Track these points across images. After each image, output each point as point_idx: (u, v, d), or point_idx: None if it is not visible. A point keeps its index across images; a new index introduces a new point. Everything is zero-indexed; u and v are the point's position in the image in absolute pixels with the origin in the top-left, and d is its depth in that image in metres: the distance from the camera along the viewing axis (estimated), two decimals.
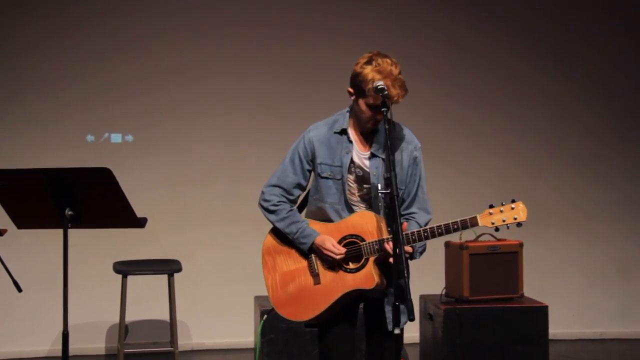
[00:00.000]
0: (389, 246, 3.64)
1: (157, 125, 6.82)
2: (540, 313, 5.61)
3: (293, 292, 3.83)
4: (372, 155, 3.79)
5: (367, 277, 3.71)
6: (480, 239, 5.82)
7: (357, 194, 3.82)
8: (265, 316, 5.45)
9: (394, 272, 3.46)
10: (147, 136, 6.82)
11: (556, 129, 7.21)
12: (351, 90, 3.76)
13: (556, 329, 6.49)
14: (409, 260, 3.60)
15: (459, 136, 7.10)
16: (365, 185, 3.81)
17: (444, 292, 5.78)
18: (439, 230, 3.68)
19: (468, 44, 7.13)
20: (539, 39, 7.21)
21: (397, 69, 3.65)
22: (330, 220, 3.82)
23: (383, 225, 3.71)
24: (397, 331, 3.44)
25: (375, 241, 3.70)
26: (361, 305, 3.91)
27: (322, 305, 3.76)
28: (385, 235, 3.68)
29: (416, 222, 3.82)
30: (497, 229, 3.77)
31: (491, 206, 3.78)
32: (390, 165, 3.52)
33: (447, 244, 5.83)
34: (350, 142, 3.81)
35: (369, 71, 3.65)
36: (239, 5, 6.91)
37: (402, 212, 3.78)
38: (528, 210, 3.57)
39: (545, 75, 7.21)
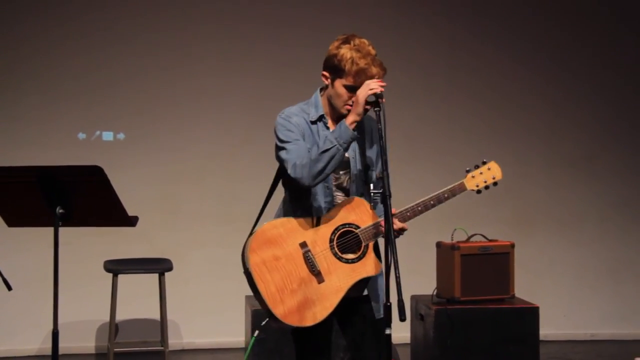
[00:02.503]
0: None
1: (149, 124, 6.81)
2: (531, 314, 5.62)
3: (297, 297, 3.60)
4: None
5: (374, 263, 3.62)
6: (471, 239, 5.83)
7: (334, 183, 3.73)
8: (257, 332, 5.37)
9: (385, 271, 3.43)
10: (139, 134, 6.80)
11: (548, 130, 7.23)
12: (326, 73, 3.69)
13: (547, 330, 6.50)
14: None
15: (451, 136, 7.11)
16: (341, 172, 3.71)
17: (435, 293, 5.78)
18: (432, 202, 3.66)
19: (462, 44, 7.14)
20: (533, 40, 7.22)
21: (374, 49, 3.62)
22: (311, 215, 3.69)
23: (370, 208, 3.63)
24: (388, 331, 3.41)
25: (372, 225, 3.62)
26: None
27: (332, 304, 3.60)
28: (377, 218, 3.62)
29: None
30: (479, 192, 3.78)
31: (468, 171, 3.76)
32: (383, 165, 3.47)
33: (439, 245, 5.84)
34: (327, 128, 3.73)
35: (346, 50, 3.61)
36: (231, 2, 6.90)
37: (373, 190, 3.65)
38: (519, 208, 3.54)
39: (537, 76, 7.22)
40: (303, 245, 3.64)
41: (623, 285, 7.26)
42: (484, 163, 3.78)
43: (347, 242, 3.65)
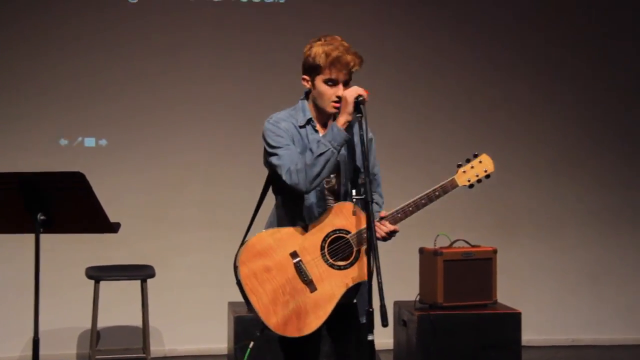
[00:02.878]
0: (378, 226, 3.57)
1: (131, 130, 6.79)
2: (513, 319, 5.64)
3: (290, 307, 3.58)
4: None
5: (366, 268, 3.53)
6: (454, 245, 5.84)
7: (326, 186, 3.70)
8: (252, 343, 5.33)
9: (368, 277, 3.43)
10: (121, 141, 6.78)
11: (530, 136, 7.25)
12: (306, 76, 3.70)
13: (529, 336, 6.52)
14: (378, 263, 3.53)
15: (433, 143, 7.12)
16: (331, 175, 3.68)
17: (418, 299, 5.78)
18: (423, 201, 3.64)
19: (445, 51, 7.15)
20: (514, 45, 7.24)
21: (347, 44, 3.64)
22: (304, 219, 3.66)
23: (360, 211, 3.59)
24: (370, 337, 3.40)
25: (363, 229, 3.57)
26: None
27: (327, 311, 3.58)
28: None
29: (378, 205, 3.75)
30: (471, 186, 3.75)
31: (459, 165, 3.74)
32: (366, 170, 3.48)
33: (422, 250, 5.85)
34: (316, 132, 3.71)
35: (318, 46, 3.63)
36: (214, 10, 6.89)
37: (355, 196, 3.65)
38: (502, 214, 3.55)
39: (518, 81, 7.25)
40: (294, 254, 3.62)
41: (604, 291, 7.28)
42: (476, 156, 3.76)
43: (339, 249, 3.63)
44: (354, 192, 3.62)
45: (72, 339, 6.63)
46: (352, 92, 3.56)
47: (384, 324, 3.33)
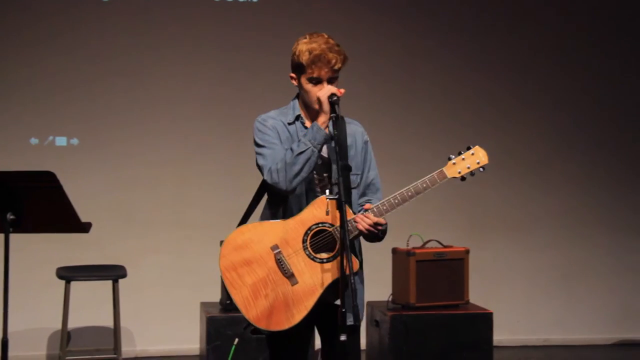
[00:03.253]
0: (361, 218, 3.55)
1: (102, 129, 6.74)
2: (485, 319, 5.66)
3: (271, 301, 3.56)
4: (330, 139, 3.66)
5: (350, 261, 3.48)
6: (427, 245, 5.85)
7: (319, 185, 3.68)
8: (237, 340, 5.32)
9: (341, 278, 3.40)
10: (93, 140, 6.74)
11: (503, 136, 7.27)
12: (293, 74, 3.71)
13: (501, 336, 6.55)
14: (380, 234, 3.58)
15: (407, 142, 7.13)
16: (324, 174, 3.69)
17: (390, 299, 5.79)
18: (409, 194, 3.60)
19: (421, 51, 7.17)
20: (488, 47, 7.27)
21: (333, 40, 3.64)
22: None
23: (345, 206, 3.52)
24: (343, 337, 3.38)
25: (347, 221, 3.48)
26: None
27: (308, 304, 3.54)
28: (352, 215, 3.56)
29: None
30: (463, 178, 3.70)
31: (450, 158, 3.69)
32: (338, 170, 3.47)
33: (394, 251, 5.85)
34: (306, 128, 3.70)
35: (303, 44, 3.65)
36: (186, 9, 6.87)
37: (359, 200, 3.69)
38: (474, 214, 3.54)
39: (491, 82, 7.28)
40: (274, 247, 3.60)
41: (576, 291, 7.33)
42: (468, 148, 3.73)
43: (321, 241, 3.60)
44: (327, 192, 3.61)
45: (42, 339, 6.58)
46: (325, 92, 3.58)
47: (356, 323, 3.33)
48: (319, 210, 3.60)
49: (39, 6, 6.68)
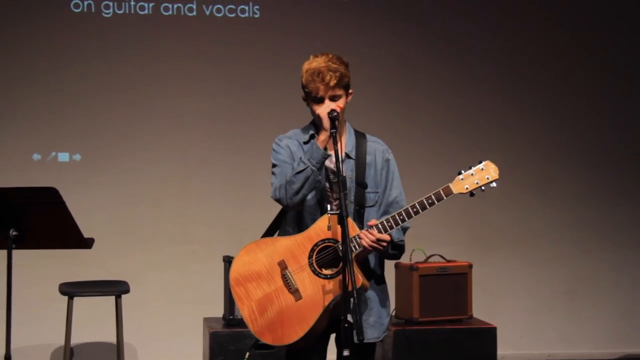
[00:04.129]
0: (365, 234, 3.56)
1: (105, 145, 6.75)
2: (488, 334, 5.65)
3: (275, 315, 3.64)
4: (347, 157, 3.74)
5: (353, 277, 3.52)
6: (430, 260, 5.85)
7: (335, 203, 3.71)
8: (247, 354, 5.30)
9: (343, 293, 3.41)
10: (95, 155, 6.75)
11: (505, 150, 7.27)
12: (303, 95, 3.74)
13: (504, 350, 6.52)
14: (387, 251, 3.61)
15: (408, 157, 7.12)
16: (342, 192, 3.65)
17: (393, 314, 5.78)
18: (414, 209, 3.60)
19: (420, 66, 7.17)
20: (488, 61, 7.27)
21: (335, 57, 3.66)
22: None
23: (352, 222, 3.61)
24: (346, 353, 3.38)
25: (351, 238, 3.55)
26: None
27: (310, 320, 3.60)
28: (358, 232, 3.59)
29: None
30: (472, 194, 3.67)
31: (460, 172, 3.67)
32: (340, 185, 3.49)
33: (397, 265, 5.85)
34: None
35: (305, 64, 3.68)
36: (189, 23, 6.89)
37: (380, 218, 3.67)
38: (477, 228, 3.53)
39: (492, 97, 7.28)
40: (281, 263, 3.67)
41: (580, 305, 7.31)
42: (480, 163, 3.72)
43: (326, 257, 3.65)
44: (328, 207, 3.65)
45: (45, 355, 6.57)
46: (324, 109, 3.62)
47: (360, 338, 3.33)
48: (327, 227, 3.64)
49: (41, 23, 6.69)
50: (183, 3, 6.87)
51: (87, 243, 4.08)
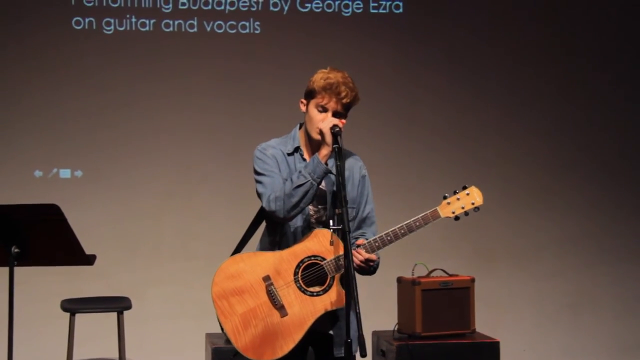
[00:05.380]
0: (354, 254, 3.56)
1: (106, 161, 6.76)
2: (492, 349, 5.62)
3: (260, 331, 3.61)
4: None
5: (339, 296, 3.58)
6: (432, 274, 5.84)
7: (314, 217, 3.73)
8: None
9: (346, 307, 3.42)
10: (97, 172, 6.75)
11: (507, 163, 7.28)
12: (303, 100, 3.74)
13: None
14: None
15: (410, 171, 7.13)
16: (320, 206, 3.73)
17: (396, 328, 5.76)
18: (402, 231, 3.62)
19: (421, 81, 7.18)
20: (489, 73, 7.28)
21: (351, 78, 3.70)
22: None
23: (338, 239, 3.60)
24: None
25: (338, 256, 3.58)
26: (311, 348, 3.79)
27: (296, 337, 3.59)
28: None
29: (366, 239, 3.73)
30: (457, 218, 3.71)
31: (445, 197, 3.70)
32: (342, 200, 3.48)
33: (400, 280, 5.83)
34: (304, 160, 3.76)
35: (320, 73, 3.71)
36: (190, 39, 6.90)
37: (353, 233, 3.71)
38: (479, 242, 3.54)
39: (494, 110, 7.28)
40: (266, 278, 3.64)
41: (583, 319, 7.29)
42: (464, 188, 3.74)
43: (313, 275, 3.63)
44: (331, 222, 3.64)
45: None
46: (327, 123, 3.62)
47: (363, 354, 3.33)
48: (312, 243, 3.64)
49: (42, 39, 6.71)
50: (184, 19, 6.89)
51: (89, 260, 4.07)
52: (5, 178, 6.57)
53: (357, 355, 3.42)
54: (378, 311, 5.91)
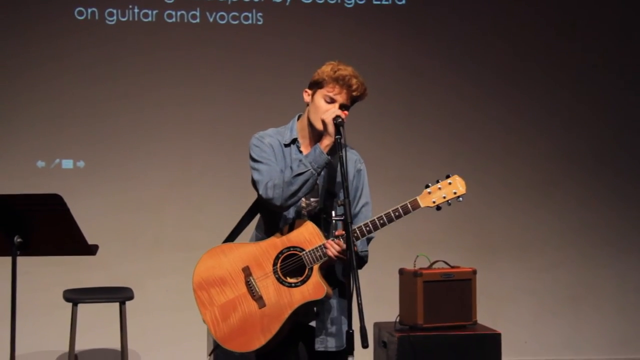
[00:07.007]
0: (330, 244, 3.55)
1: (108, 151, 6.77)
2: (493, 340, 5.62)
3: (238, 322, 3.64)
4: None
5: (316, 287, 3.58)
6: (434, 266, 5.84)
7: (306, 209, 3.73)
8: (208, 358, 5.31)
9: (347, 296, 3.42)
10: (99, 162, 6.76)
11: (508, 156, 7.28)
12: (308, 90, 3.74)
13: (509, 356, 6.51)
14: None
15: (410, 161, 7.13)
16: (312, 199, 3.72)
17: (398, 320, 5.77)
18: (381, 221, 3.59)
19: (422, 71, 7.18)
20: (491, 66, 7.28)
21: (359, 74, 3.71)
22: None
23: (319, 230, 3.60)
24: (350, 359, 3.39)
25: (317, 247, 3.58)
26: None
27: (273, 328, 3.60)
28: (324, 240, 3.58)
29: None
30: (438, 208, 3.66)
31: (427, 186, 3.67)
32: (345, 191, 3.47)
33: (402, 271, 5.83)
34: (300, 152, 3.75)
35: (329, 65, 3.70)
36: (192, 30, 6.90)
37: (334, 218, 3.66)
38: (481, 234, 3.53)
39: (496, 102, 7.28)
40: (245, 269, 3.66)
41: (584, 311, 7.30)
42: (447, 177, 3.71)
43: (291, 266, 3.63)
44: (333, 213, 3.63)
45: None
46: (329, 114, 3.61)
47: (364, 345, 3.33)
48: (293, 234, 3.64)
49: (45, 30, 6.71)
50: (186, 10, 6.88)
51: (91, 250, 4.08)
52: (7, 168, 6.58)
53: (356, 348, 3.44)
54: (380, 302, 5.91)
